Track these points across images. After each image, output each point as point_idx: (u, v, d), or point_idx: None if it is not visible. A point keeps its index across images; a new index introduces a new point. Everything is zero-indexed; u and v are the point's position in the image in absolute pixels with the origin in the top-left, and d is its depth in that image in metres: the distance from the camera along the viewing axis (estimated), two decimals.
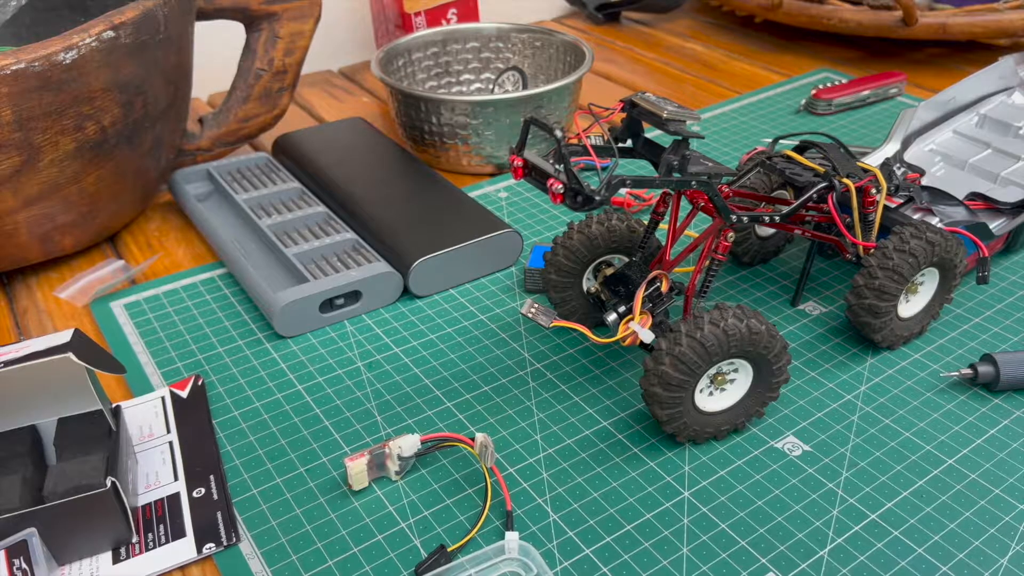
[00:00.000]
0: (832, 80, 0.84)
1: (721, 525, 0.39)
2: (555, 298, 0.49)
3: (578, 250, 0.47)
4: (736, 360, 0.41)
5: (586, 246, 0.47)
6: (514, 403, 0.46)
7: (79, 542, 0.37)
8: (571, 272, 0.48)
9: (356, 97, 0.87)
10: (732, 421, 0.43)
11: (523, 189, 0.67)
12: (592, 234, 0.47)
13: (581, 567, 0.37)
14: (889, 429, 0.44)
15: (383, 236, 0.56)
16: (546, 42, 0.77)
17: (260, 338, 0.52)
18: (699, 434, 0.42)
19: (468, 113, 0.65)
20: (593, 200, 0.37)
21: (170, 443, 0.44)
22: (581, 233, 0.47)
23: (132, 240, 0.63)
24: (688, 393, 0.40)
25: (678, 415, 0.41)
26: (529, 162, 0.39)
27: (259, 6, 0.65)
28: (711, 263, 0.43)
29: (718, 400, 0.42)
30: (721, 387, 0.42)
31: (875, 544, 0.38)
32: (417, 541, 0.38)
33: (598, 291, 0.48)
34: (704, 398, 0.42)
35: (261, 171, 0.66)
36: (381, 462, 0.41)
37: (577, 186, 0.37)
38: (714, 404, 0.42)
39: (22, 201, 0.52)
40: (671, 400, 0.40)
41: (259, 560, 0.38)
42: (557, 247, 0.48)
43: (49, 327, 0.54)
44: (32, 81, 0.48)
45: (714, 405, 0.42)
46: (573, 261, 0.48)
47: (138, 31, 0.52)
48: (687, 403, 0.41)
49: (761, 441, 0.43)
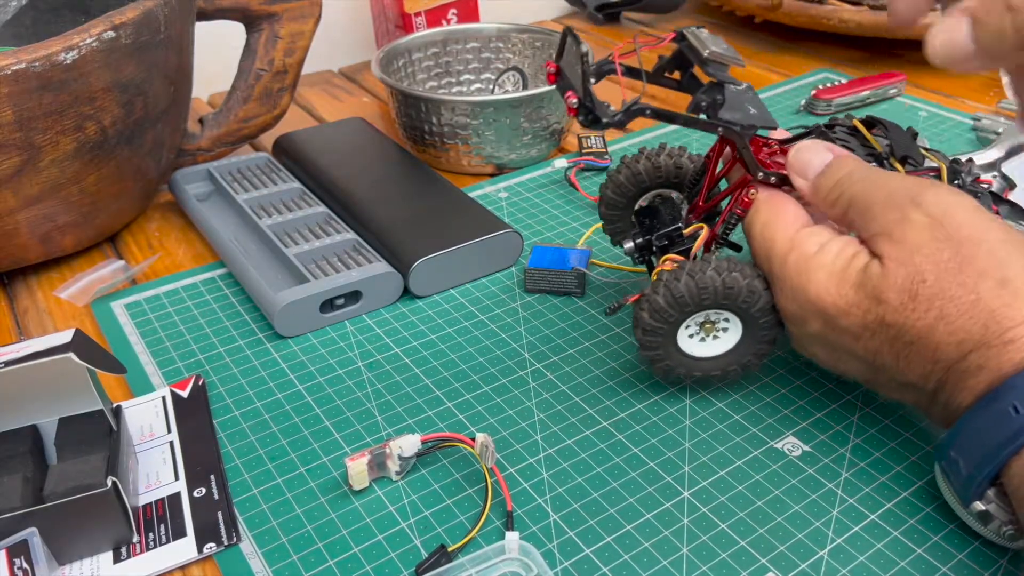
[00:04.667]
0: (832, 80, 0.84)
1: (721, 525, 0.39)
2: (607, 229, 0.52)
3: (624, 185, 0.50)
4: (722, 311, 0.42)
5: (631, 181, 0.49)
6: (514, 403, 0.46)
7: (80, 542, 0.37)
8: (618, 205, 0.51)
9: (356, 97, 0.88)
10: (723, 367, 0.43)
11: (523, 189, 0.67)
12: (637, 169, 0.49)
13: (581, 567, 0.37)
14: (889, 429, 0.44)
15: (383, 236, 0.56)
16: (546, 42, 0.77)
17: (260, 338, 0.52)
18: (688, 376, 0.44)
19: (468, 113, 0.65)
20: (600, 121, 0.39)
21: (171, 443, 0.44)
22: (628, 168, 0.49)
23: (132, 240, 0.63)
24: (667, 339, 0.42)
25: (659, 357, 0.43)
26: (562, 71, 0.41)
27: (259, 6, 0.65)
28: (730, 217, 0.43)
29: (709, 347, 0.43)
30: (713, 335, 0.43)
31: (875, 544, 0.38)
32: (417, 541, 0.39)
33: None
34: (694, 343, 0.43)
35: (261, 171, 0.66)
36: (382, 462, 0.41)
37: (590, 104, 0.38)
38: (704, 350, 0.43)
39: (23, 201, 0.52)
40: (650, 343, 0.42)
41: (259, 560, 0.38)
42: (609, 180, 0.50)
43: (50, 327, 0.54)
44: (33, 81, 0.48)
45: (704, 351, 0.43)
46: (619, 195, 0.50)
47: (138, 31, 0.52)
48: (668, 348, 0.42)
49: (761, 441, 0.43)
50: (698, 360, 0.43)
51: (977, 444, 0.35)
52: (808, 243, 0.39)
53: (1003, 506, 0.35)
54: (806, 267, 0.39)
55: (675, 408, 0.45)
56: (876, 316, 0.37)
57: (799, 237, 0.40)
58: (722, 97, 0.41)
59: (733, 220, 0.44)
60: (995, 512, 0.35)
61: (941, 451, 0.37)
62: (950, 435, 0.36)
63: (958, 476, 0.36)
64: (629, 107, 0.38)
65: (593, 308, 0.53)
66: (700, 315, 0.42)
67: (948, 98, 0.80)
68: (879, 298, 0.37)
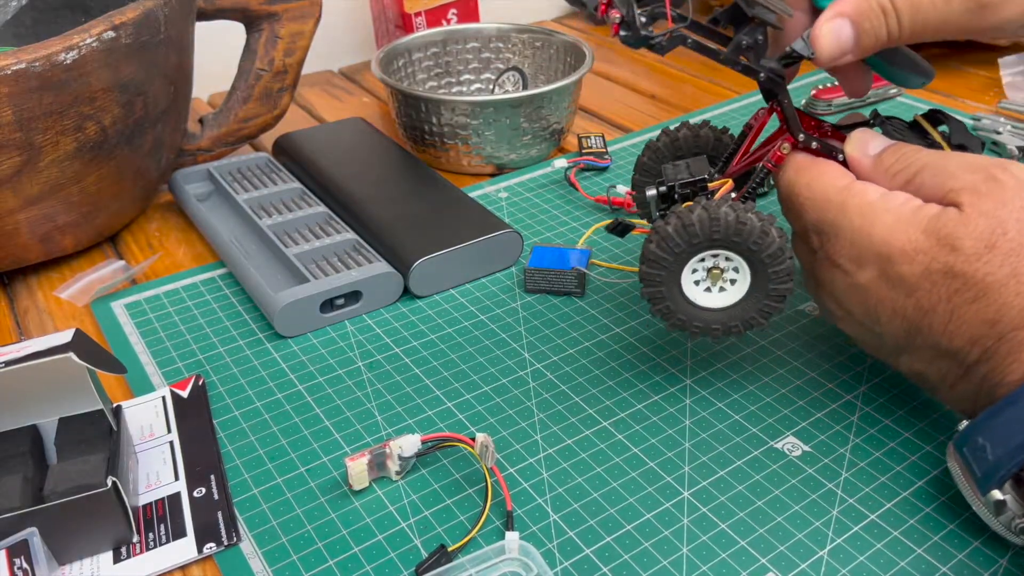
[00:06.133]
0: (832, 80, 0.84)
1: (721, 525, 0.39)
2: (639, 199, 0.51)
3: (661, 151, 0.49)
4: (732, 256, 0.41)
5: (669, 148, 0.48)
6: (514, 403, 0.46)
7: (80, 542, 0.37)
8: (653, 172, 0.49)
9: (356, 97, 0.88)
10: (725, 323, 0.42)
11: (523, 189, 0.67)
12: (676, 137, 0.48)
13: (581, 567, 0.37)
14: (889, 429, 0.44)
15: (383, 236, 0.56)
16: (546, 42, 0.77)
17: (261, 338, 0.52)
18: (687, 325, 0.42)
19: (468, 113, 0.65)
20: (642, 37, 0.38)
21: (171, 443, 0.44)
22: (667, 136, 0.48)
23: (132, 240, 0.63)
24: (671, 275, 0.41)
25: (659, 296, 0.41)
26: None
27: (259, 6, 0.65)
28: (759, 169, 0.43)
29: (715, 297, 0.42)
30: (719, 284, 0.42)
31: (875, 544, 0.38)
32: (417, 541, 0.39)
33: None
34: (699, 292, 0.42)
35: (261, 171, 0.66)
36: (382, 462, 0.41)
37: (633, 19, 0.38)
38: (710, 300, 0.42)
39: (23, 201, 0.52)
40: (654, 277, 0.41)
41: (260, 560, 0.38)
42: (646, 148, 0.49)
43: (50, 327, 0.54)
44: (33, 81, 0.48)
45: (710, 301, 0.42)
46: (656, 162, 0.49)
47: (138, 31, 0.52)
48: (671, 287, 0.41)
49: (761, 441, 0.43)
50: (700, 309, 0.42)
51: (1017, 431, 0.34)
52: (868, 191, 0.39)
53: (1019, 499, 0.35)
54: (871, 210, 0.38)
55: (675, 408, 0.45)
56: (943, 265, 0.36)
57: (856, 187, 0.39)
58: (763, 39, 0.40)
59: (762, 175, 0.43)
60: (1011, 504, 0.35)
61: (966, 435, 0.36)
62: (982, 419, 0.35)
63: (983, 462, 0.35)
64: (671, 32, 0.38)
65: (593, 308, 0.53)
66: (709, 259, 0.41)
67: (948, 98, 0.80)
68: (953, 245, 0.36)
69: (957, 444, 0.37)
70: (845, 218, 0.39)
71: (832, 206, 0.39)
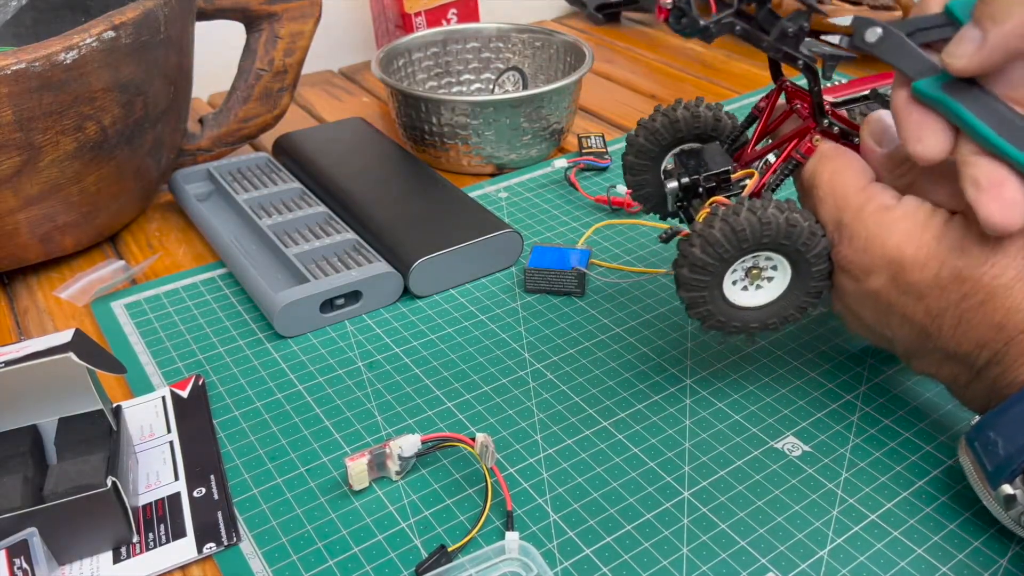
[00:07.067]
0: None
1: (721, 525, 0.39)
2: (631, 182, 0.49)
3: (659, 132, 0.46)
4: (773, 256, 0.40)
5: (667, 128, 0.46)
6: (514, 403, 0.46)
7: (80, 542, 0.37)
8: (649, 154, 0.47)
9: (356, 97, 0.88)
10: (763, 320, 0.41)
11: (523, 189, 0.67)
12: (675, 117, 0.46)
13: (581, 567, 0.37)
14: (889, 429, 0.44)
15: (383, 236, 0.56)
16: (546, 42, 0.77)
17: (260, 338, 0.52)
18: (725, 326, 0.41)
19: (468, 113, 0.65)
20: (694, 24, 0.37)
21: (170, 443, 0.44)
22: (665, 116, 0.46)
23: (132, 240, 0.63)
24: (715, 279, 0.39)
25: (701, 300, 0.40)
26: None
27: (259, 6, 0.65)
28: (788, 163, 0.42)
29: (753, 296, 0.41)
30: (756, 283, 0.41)
31: (875, 544, 0.38)
32: (417, 541, 0.39)
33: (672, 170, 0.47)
34: (737, 291, 0.41)
35: (261, 171, 0.66)
36: (382, 462, 0.41)
37: (686, 6, 0.37)
38: (748, 299, 0.41)
39: (23, 201, 0.52)
40: (696, 283, 0.39)
41: (259, 560, 0.38)
42: (639, 128, 0.47)
43: (50, 327, 0.54)
44: (33, 81, 0.48)
45: (747, 300, 0.41)
46: (652, 143, 0.47)
47: (138, 31, 0.52)
48: (713, 291, 0.40)
49: (761, 441, 0.43)
50: (739, 309, 0.41)
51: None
52: (884, 195, 0.39)
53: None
54: (888, 217, 0.38)
55: (675, 408, 0.45)
56: (952, 270, 0.36)
57: (872, 189, 0.39)
58: (808, 25, 0.39)
59: (790, 167, 0.42)
60: (1021, 498, 0.35)
61: (978, 430, 0.36)
62: (994, 415, 0.35)
63: (994, 457, 0.35)
64: (720, 19, 0.37)
65: (593, 308, 0.53)
66: (750, 259, 0.40)
67: None
68: (963, 249, 0.36)
69: (969, 438, 0.37)
70: (861, 224, 0.39)
71: (851, 209, 0.39)
